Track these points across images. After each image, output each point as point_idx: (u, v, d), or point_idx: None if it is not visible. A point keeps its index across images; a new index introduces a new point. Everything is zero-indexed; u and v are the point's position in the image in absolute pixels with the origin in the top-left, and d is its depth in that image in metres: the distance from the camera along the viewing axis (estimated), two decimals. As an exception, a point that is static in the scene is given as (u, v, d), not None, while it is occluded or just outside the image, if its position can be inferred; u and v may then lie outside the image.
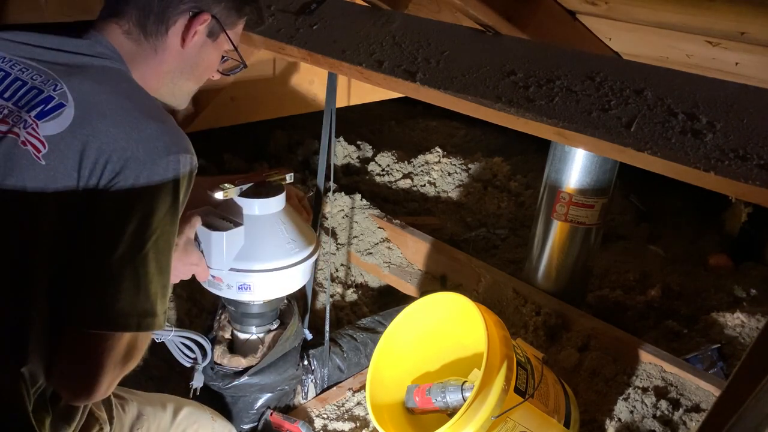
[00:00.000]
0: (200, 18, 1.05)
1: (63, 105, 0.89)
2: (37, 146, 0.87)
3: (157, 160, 0.88)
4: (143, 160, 0.87)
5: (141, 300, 0.89)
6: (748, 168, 0.82)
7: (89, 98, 0.90)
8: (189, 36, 1.06)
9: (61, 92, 0.91)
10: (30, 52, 0.99)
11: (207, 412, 1.40)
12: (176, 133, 0.93)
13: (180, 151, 0.91)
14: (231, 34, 1.12)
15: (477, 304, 1.29)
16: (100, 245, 0.87)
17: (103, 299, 0.87)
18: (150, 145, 0.88)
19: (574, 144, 1.29)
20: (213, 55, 1.13)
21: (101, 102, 0.90)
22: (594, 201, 1.78)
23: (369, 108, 3.51)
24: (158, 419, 1.27)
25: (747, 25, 1.05)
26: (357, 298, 2.29)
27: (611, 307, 2.17)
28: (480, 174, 3.16)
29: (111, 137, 0.87)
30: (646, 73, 1.01)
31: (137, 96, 0.97)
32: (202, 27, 1.06)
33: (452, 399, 1.30)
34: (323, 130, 1.71)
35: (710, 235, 2.89)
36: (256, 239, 1.42)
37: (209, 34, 1.09)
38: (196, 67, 1.12)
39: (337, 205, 2.43)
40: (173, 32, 1.05)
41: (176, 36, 1.05)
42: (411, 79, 1.19)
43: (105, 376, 0.88)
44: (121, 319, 0.87)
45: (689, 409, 1.51)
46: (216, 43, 1.11)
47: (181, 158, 0.91)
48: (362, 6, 1.46)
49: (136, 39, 1.04)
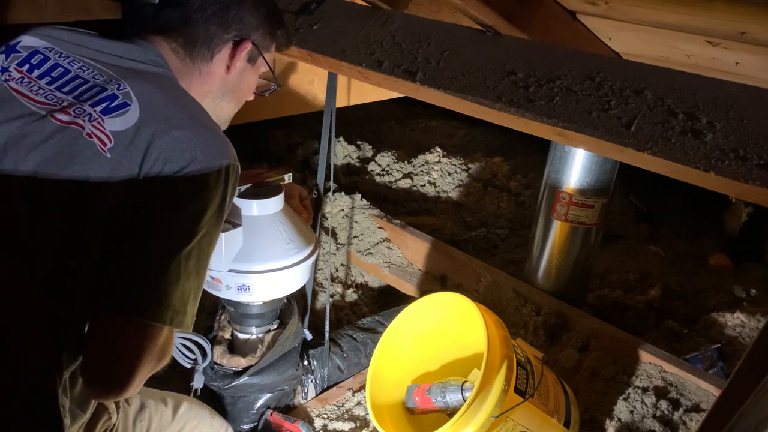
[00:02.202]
0: (243, 45, 1.13)
1: (127, 104, 0.94)
2: (103, 140, 0.91)
3: (213, 163, 0.93)
4: (200, 162, 0.92)
5: (177, 295, 0.90)
6: (748, 168, 0.82)
7: (151, 101, 0.95)
8: (234, 63, 1.13)
9: (124, 92, 0.95)
10: (86, 52, 1.04)
11: (206, 409, 1.41)
12: (226, 142, 0.99)
13: (230, 158, 0.97)
14: (267, 57, 1.19)
15: (477, 304, 1.29)
16: (152, 235, 0.90)
17: (146, 287, 0.88)
18: (207, 149, 0.93)
19: (574, 144, 1.29)
20: (252, 78, 1.20)
21: (163, 106, 0.96)
22: (594, 201, 1.78)
23: (369, 108, 3.50)
24: (160, 412, 1.28)
25: (747, 25, 1.05)
26: (357, 298, 2.29)
27: (611, 307, 2.17)
28: (480, 174, 3.16)
29: (173, 139, 0.91)
30: (646, 73, 1.01)
31: (192, 105, 1.02)
32: (243, 54, 1.13)
33: (452, 399, 1.30)
34: (323, 130, 1.71)
35: (710, 235, 2.89)
36: (255, 240, 1.42)
37: (249, 59, 1.16)
38: (237, 90, 1.19)
39: (337, 205, 2.43)
40: (218, 59, 1.12)
41: (221, 62, 1.12)
42: (411, 79, 1.19)
43: (139, 369, 0.88)
44: (159, 311, 0.89)
45: (689, 409, 1.51)
46: (255, 67, 1.19)
47: (231, 165, 0.96)
48: (362, 6, 1.46)
49: (182, 59, 1.10)
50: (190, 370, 1.53)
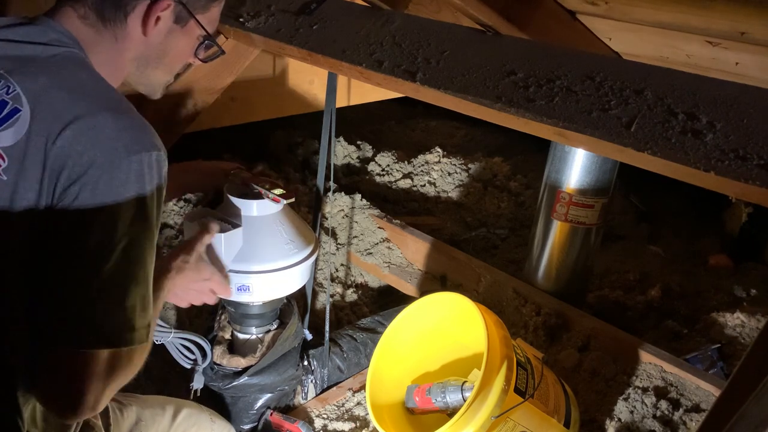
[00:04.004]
0: (161, 3, 0.98)
1: (18, 110, 0.84)
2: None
3: (117, 162, 0.82)
4: (101, 165, 0.81)
5: (114, 315, 0.83)
6: (748, 168, 0.82)
7: (43, 98, 0.84)
8: (150, 23, 0.99)
9: (14, 95, 0.85)
10: None
11: (206, 413, 1.40)
12: (139, 129, 0.87)
13: (142, 149, 0.85)
14: (203, 18, 1.05)
15: (477, 304, 1.29)
16: (62, 260, 0.82)
17: (69, 315, 0.82)
18: (108, 146, 0.82)
19: (574, 144, 1.29)
20: (183, 41, 1.06)
21: (56, 100, 0.85)
22: (594, 201, 1.78)
23: (369, 108, 3.50)
24: (157, 423, 1.26)
25: (747, 25, 1.05)
26: (357, 298, 2.29)
27: (611, 307, 2.17)
28: (480, 174, 3.16)
29: (66, 141, 0.81)
30: (646, 73, 1.01)
31: (95, 88, 0.90)
32: (165, 13, 0.99)
33: (452, 399, 1.30)
34: (323, 130, 1.71)
35: (710, 235, 2.89)
36: (254, 240, 1.42)
37: (176, 20, 1.02)
38: (164, 56, 1.05)
39: (337, 205, 2.43)
40: (133, 18, 0.98)
41: (136, 23, 0.98)
42: (411, 79, 1.19)
43: (87, 393, 0.83)
44: (90, 336, 0.82)
45: (689, 409, 1.51)
46: (185, 29, 1.04)
47: (144, 157, 0.84)
48: (362, 6, 1.46)
49: (93, 25, 0.97)
50: (190, 370, 1.53)
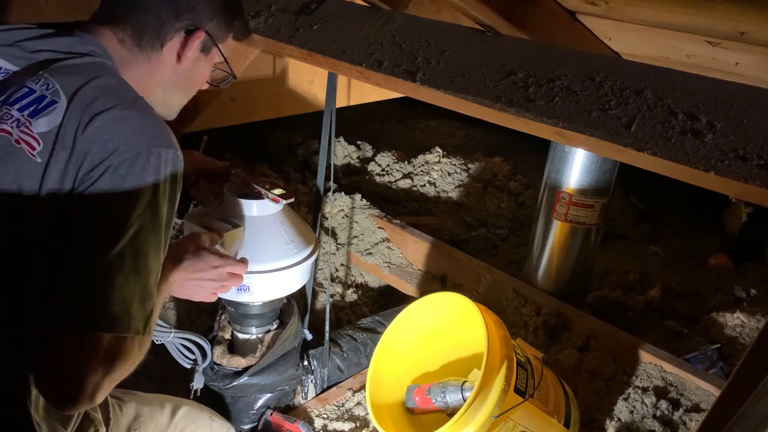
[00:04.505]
0: (195, 35, 1.09)
1: (55, 102, 0.91)
2: (32, 144, 0.88)
3: (138, 153, 0.88)
4: (123, 152, 0.87)
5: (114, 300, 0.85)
6: (748, 168, 0.82)
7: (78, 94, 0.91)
8: (185, 53, 1.10)
9: (53, 90, 0.92)
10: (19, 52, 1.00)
11: (205, 411, 1.40)
12: (159, 127, 0.93)
13: (163, 144, 0.91)
14: (223, 47, 1.16)
15: (477, 304, 1.29)
16: (74, 241, 0.86)
17: (76, 295, 0.85)
18: (132, 137, 0.89)
19: (574, 144, 1.29)
20: (205, 68, 1.17)
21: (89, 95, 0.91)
22: (594, 201, 1.78)
23: (369, 108, 3.50)
24: (156, 420, 1.27)
25: (747, 25, 1.05)
26: (357, 298, 2.29)
27: (611, 307, 2.17)
28: (480, 174, 3.16)
29: (94, 129, 0.88)
30: (646, 73, 1.01)
31: (125, 91, 0.97)
32: (196, 43, 1.10)
33: (452, 399, 1.30)
34: (323, 130, 1.71)
35: (710, 235, 2.89)
36: (254, 240, 1.42)
37: (203, 49, 1.13)
38: (189, 81, 1.16)
39: (337, 205, 2.43)
40: (168, 48, 1.08)
41: (172, 52, 1.09)
42: (411, 79, 1.19)
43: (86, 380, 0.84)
44: (92, 318, 0.84)
45: (689, 409, 1.51)
46: (208, 57, 1.15)
47: (163, 153, 0.91)
48: (362, 6, 1.46)
49: (129, 49, 1.06)
50: (190, 370, 1.53)
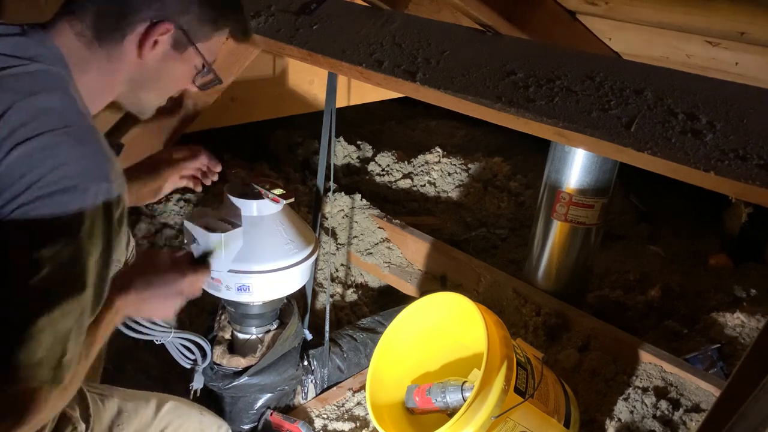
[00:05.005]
0: (160, 27, 0.95)
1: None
2: None
3: (60, 189, 0.79)
4: (41, 188, 0.78)
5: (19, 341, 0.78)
6: (748, 168, 0.82)
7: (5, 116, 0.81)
8: (147, 46, 0.96)
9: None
10: None
11: (195, 407, 1.36)
12: (94, 160, 0.84)
13: (93, 180, 0.82)
14: (203, 47, 1.02)
15: (477, 304, 1.29)
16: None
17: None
18: (55, 173, 0.79)
19: (574, 144, 1.29)
20: (180, 68, 1.03)
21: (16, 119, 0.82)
22: (594, 201, 1.78)
23: (369, 108, 3.50)
24: (140, 415, 1.24)
25: (747, 25, 1.05)
26: (357, 298, 2.29)
27: (611, 307, 2.17)
28: (480, 174, 3.16)
29: (13, 161, 0.79)
30: (646, 73, 1.01)
31: (63, 113, 0.86)
32: (164, 37, 0.97)
33: (452, 399, 1.30)
34: (323, 130, 1.71)
35: (710, 235, 2.89)
36: (254, 240, 1.42)
37: (174, 45, 0.99)
38: (158, 80, 1.03)
39: (337, 205, 2.43)
40: (130, 40, 0.95)
41: (132, 44, 0.96)
42: (411, 79, 1.19)
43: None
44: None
45: (689, 409, 1.51)
46: (184, 56, 1.01)
47: (92, 187, 0.81)
48: (362, 6, 1.46)
49: (87, 43, 0.94)
50: (190, 370, 1.53)
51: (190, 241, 1.42)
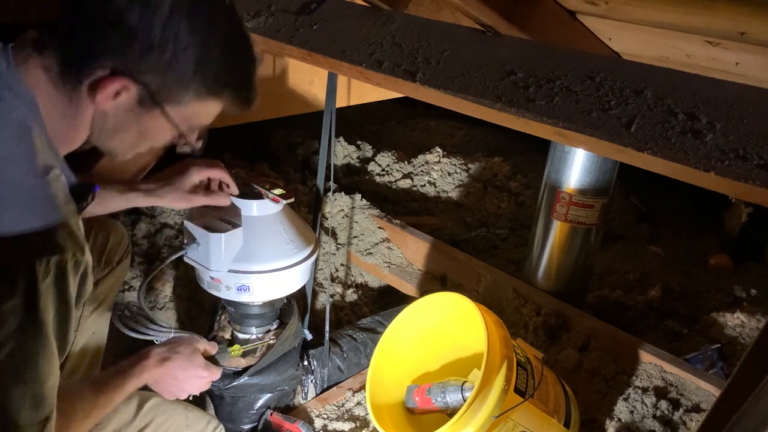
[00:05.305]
0: (113, 83, 0.84)
1: None
2: None
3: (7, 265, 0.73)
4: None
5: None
6: (748, 168, 0.82)
7: None
8: (103, 95, 0.84)
9: None
10: None
11: (180, 404, 1.35)
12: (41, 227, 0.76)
13: (41, 253, 0.75)
14: (175, 110, 0.90)
15: (477, 304, 1.29)
16: None
17: None
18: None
19: (574, 144, 1.29)
20: (152, 125, 0.91)
21: None
22: (594, 201, 1.78)
23: (369, 108, 3.50)
24: (120, 412, 1.22)
25: (747, 25, 1.05)
26: (357, 298, 2.29)
27: (611, 307, 2.17)
28: (480, 174, 3.16)
29: None
30: (646, 73, 1.01)
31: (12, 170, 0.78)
32: (125, 92, 0.86)
33: (452, 399, 1.30)
34: (323, 130, 1.71)
35: (710, 235, 2.89)
36: (254, 240, 1.42)
37: (140, 102, 0.87)
38: (124, 131, 0.91)
39: (337, 205, 2.43)
40: (86, 85, 0.85)
41: (90, 90, 0.85)
42: (411, 79, 1.19)
43: None
44: None
45: (689, 409, 1.51)
46: (152, 115, 0.89)
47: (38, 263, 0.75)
48: (362, 6, 1.46)
49: (53, 79, 0.85)
50: (190, 370, 1.53)
51: (190, 241, 1.42)
